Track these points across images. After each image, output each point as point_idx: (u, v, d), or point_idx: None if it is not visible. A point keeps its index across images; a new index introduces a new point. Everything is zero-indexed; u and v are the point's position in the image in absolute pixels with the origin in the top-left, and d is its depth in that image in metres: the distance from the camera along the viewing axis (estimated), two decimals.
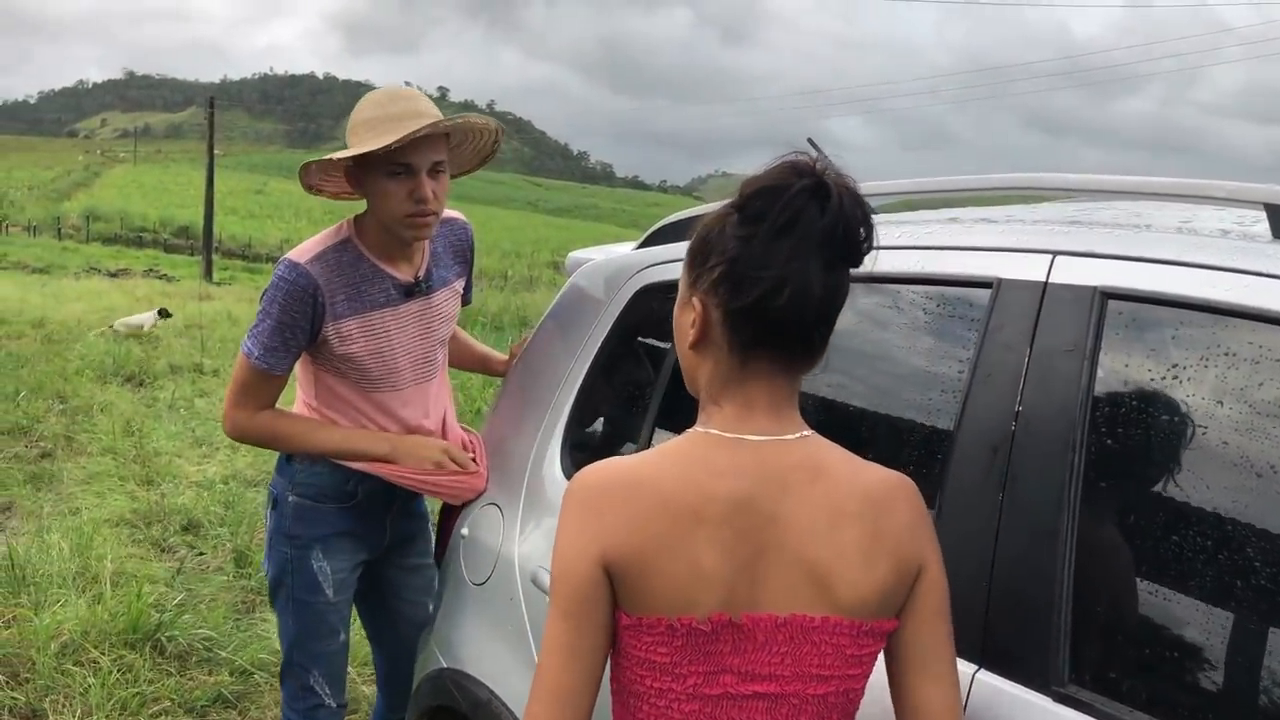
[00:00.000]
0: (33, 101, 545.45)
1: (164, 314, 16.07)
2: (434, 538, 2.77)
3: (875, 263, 1.27)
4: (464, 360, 2.91)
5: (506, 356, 2.83)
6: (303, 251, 2.36)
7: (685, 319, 1.33)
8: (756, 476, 1.24)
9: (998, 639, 1.41)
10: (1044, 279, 1.51)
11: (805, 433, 1.30)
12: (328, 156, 2.32)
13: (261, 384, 2.41)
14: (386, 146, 2.19)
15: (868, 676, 1.29)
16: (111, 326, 15.21)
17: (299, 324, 2.32)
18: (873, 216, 1.24)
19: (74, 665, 3.98)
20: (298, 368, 2.48)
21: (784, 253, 1.20)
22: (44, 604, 4.49)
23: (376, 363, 2.42)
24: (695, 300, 1.29)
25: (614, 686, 1.32)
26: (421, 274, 2.46)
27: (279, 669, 2.75)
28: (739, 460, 1.25)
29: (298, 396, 2.57)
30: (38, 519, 6.04)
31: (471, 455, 2.56)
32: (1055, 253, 1.53)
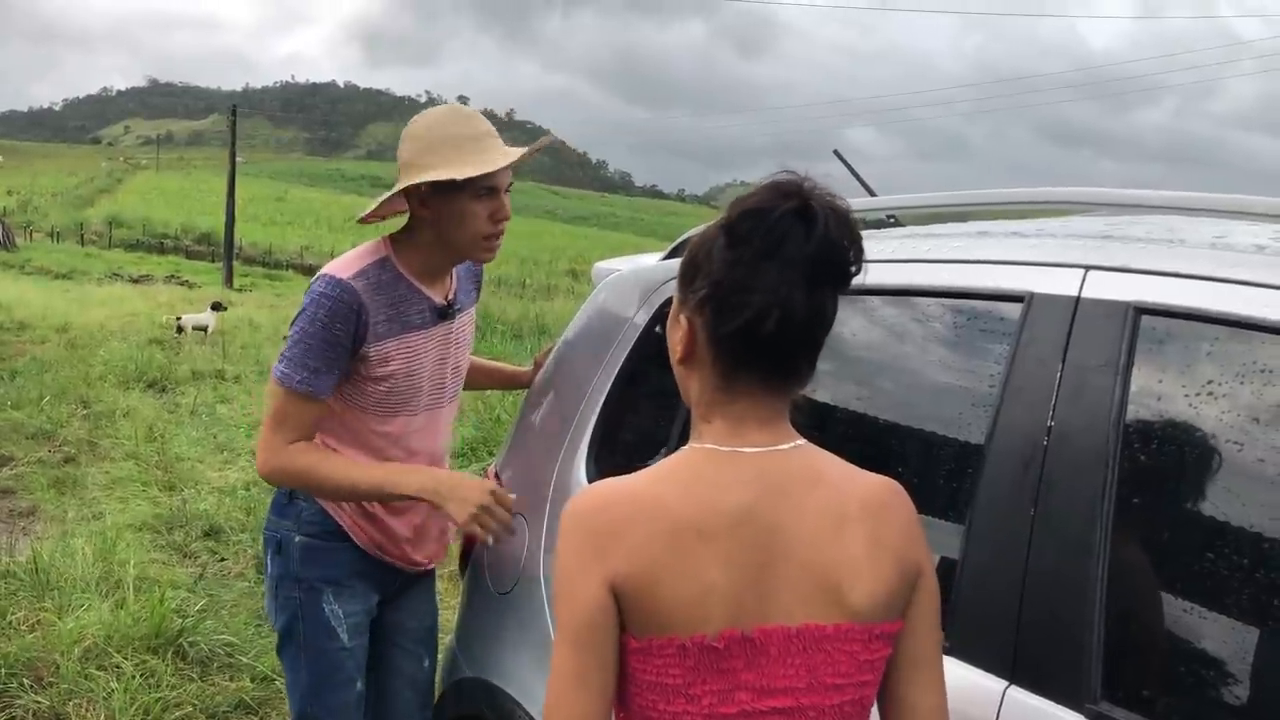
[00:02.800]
0: (58, 109, 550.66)
1: (218, 307, 16.41)
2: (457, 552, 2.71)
3: (864, 276, 1.25)
4: (492, 379, 2.85)
5: (530, 368, 2.77)
6: (343, 267, 2.27)
7: (675, 335, 1.33)
8: (757, 487, 1.23)
9: (1029, 654, 1.41)
10: (1076, 294, 1.51)
11: (799, 442, 1.29)
12: (435, 178, 2.19)
13: (302, 411, 2.24)
14: (511, 163, 2.25)
15: (878, 683, 1.28)
16: (178, 319, 15.45)
17: (343, 342, 2.21)
18: (861, 238, 1.23)
19: (97, 670, 4.00)
20: None
21: (769, 277, 1.19)
22: (68, 608, 4.51)
23: (406, 385, 2.33)
24: (683, 318, 1.30)
25: (621, 717, 1.29)
26: (451, 296, 2.42)
27: None
28: (738, 473, 1.24)
29: None
30: (61, 523, 6.09)
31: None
32: (1088, 267, 1.52)
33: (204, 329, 15.79)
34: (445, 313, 2.39)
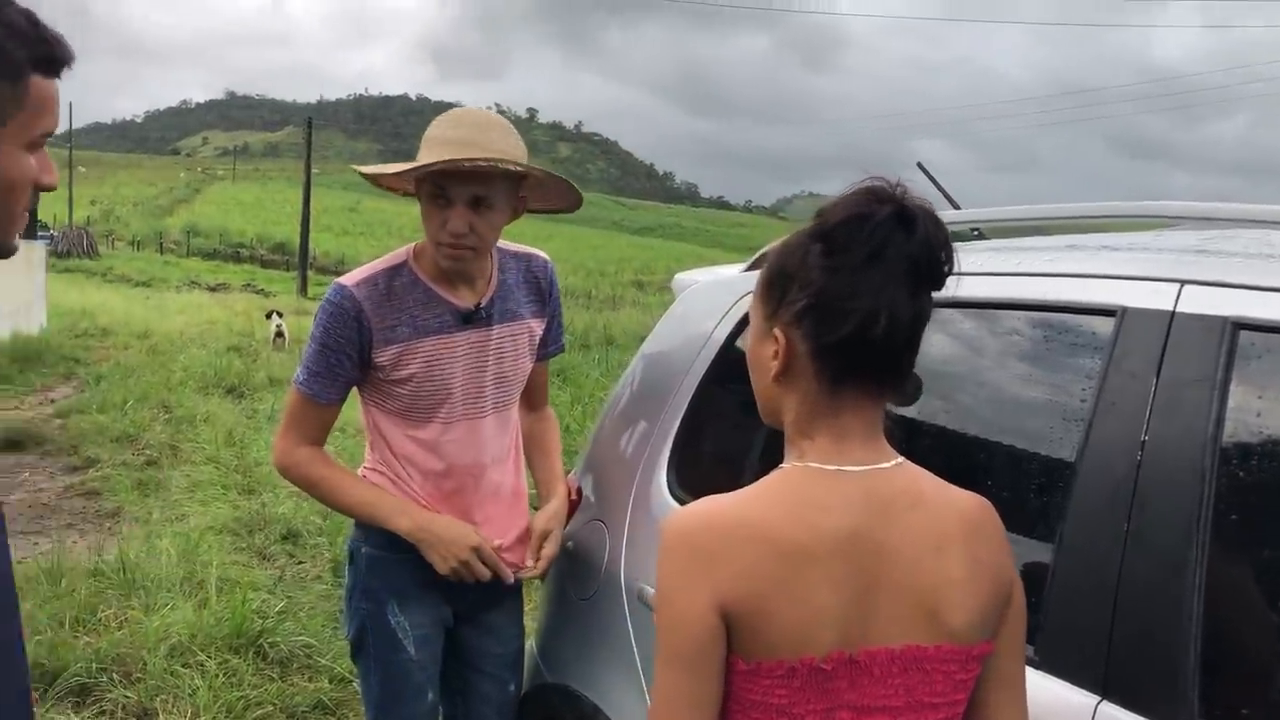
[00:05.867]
0: (139, 121, 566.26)
1: (269, 315, 17.06)
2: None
3: (958, 287, 1.27)
4: (529, 461, 2.63)
5: (560, 495, 2.52)
6: (353, 275, 2.33)
7: (765, 352, 1.31)
8: (862, 508, 1.23)
9: (1123, 671, 1.40)
10: (1171, 308, 1.50)
11: (899, 460, 1.29)
12: (372, 170, 2.31)
13: (306, 413, 2.34)
14: (402, 171, 2.18)
15: (967, 701, 1.29)
16: (278, 325, 15.96)
17: (344, 349, 2.27)
18: (951, 239, 1.25)
19: (182, 667, 4.10)
20: (360, 413, 2.44)
21: (874, 282, 1.20)
22: (153, 607, 4.64)
23: (430, 390, 2.32)
24: (778, 332, 1.27)
25: None
26: (484, 302, 2.36)
27: None
28: (844, 493, 1.24)
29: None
30: (145, 524, 6.25)
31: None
32: (1183, 281, 1.51)
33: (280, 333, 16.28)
34: (472, 317, 2.34)
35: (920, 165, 2.32)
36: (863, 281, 1.20)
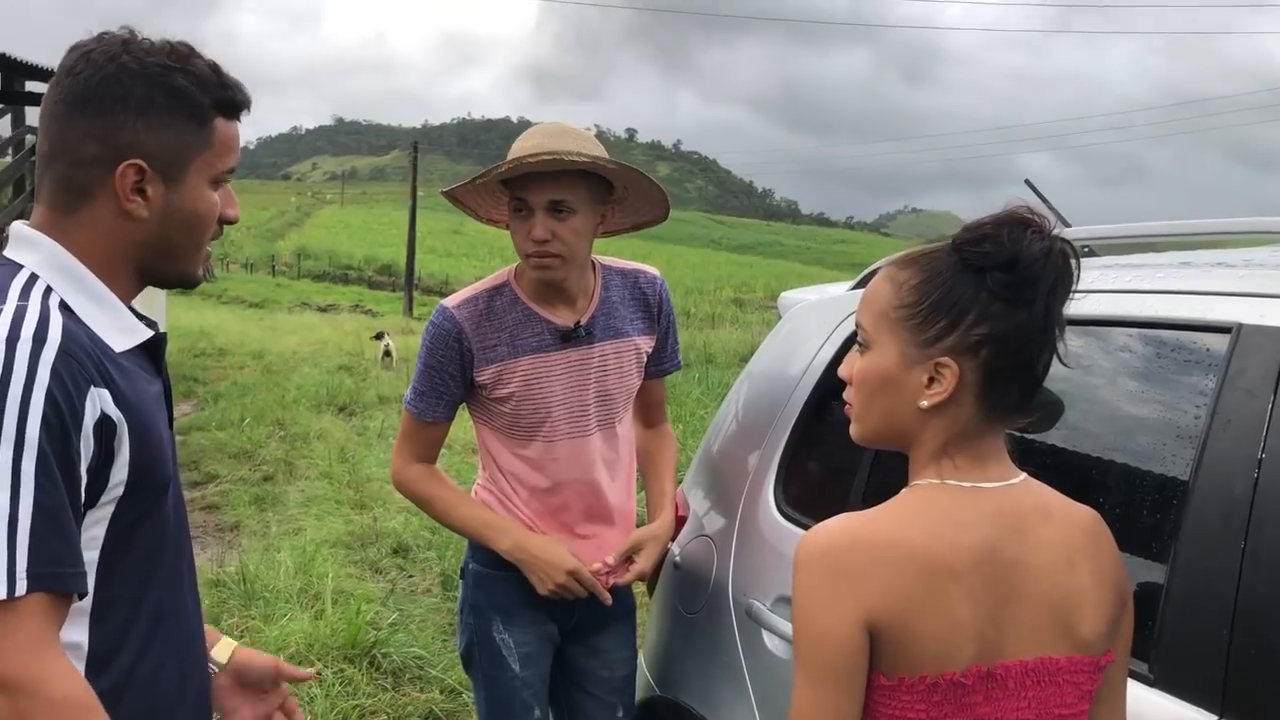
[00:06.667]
0: (252, 147, 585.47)
1: (377, 336, 17.46)
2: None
3: (1071, 304, 1.31)
4: (642, 478, 2.66)
5: (667, 515, 2.51)
6: (455, 296, 2.40)
7: (912, 378, 1.28)
8: (997, 524, 1.26)
9: (1241, 690, 1.39)
10: None
11: (1024, 476, 1.32)
12: (452, 187, 2.35)
13: (415, 432, 2.42)
14: (475, 180, 2.27)
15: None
16: (386, 345, 16.32)
17: (447, 369, 2.33)
18: None
19: None
20: (473, 431, 2.49)
21: (1057, 316, 1.26)
22: (273, 617, 4.81)
23: (530, 409, 2.34)
24: (947, 360, 1.26)
25: None
26: (585, 320, 2.37)
27: None
28: (980, 510, 1.26)
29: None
30: (263, 538, 6.47)
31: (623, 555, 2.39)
32: None
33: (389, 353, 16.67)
34: (570, 336, 2.35)
35: (1028, 182, 2.31)
36: (1052, 315, 1.26)
